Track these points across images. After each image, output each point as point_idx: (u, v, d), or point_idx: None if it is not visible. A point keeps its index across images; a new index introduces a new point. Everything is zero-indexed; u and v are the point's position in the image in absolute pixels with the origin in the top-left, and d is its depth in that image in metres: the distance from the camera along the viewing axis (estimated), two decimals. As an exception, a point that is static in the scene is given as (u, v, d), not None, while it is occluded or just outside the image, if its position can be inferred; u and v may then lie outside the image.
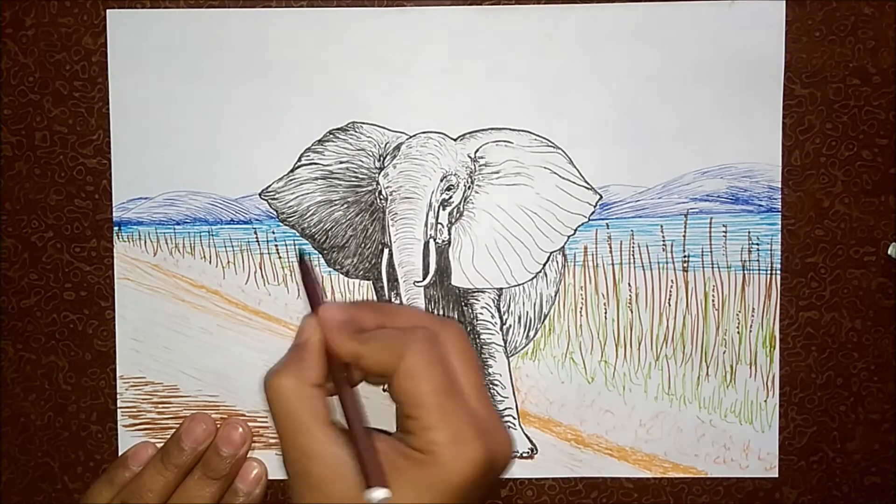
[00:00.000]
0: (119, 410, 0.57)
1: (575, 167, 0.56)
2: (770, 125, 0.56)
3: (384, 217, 0.56)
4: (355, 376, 0.45)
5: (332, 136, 0.56)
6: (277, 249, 0.57)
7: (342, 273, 0.57)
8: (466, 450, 0.41)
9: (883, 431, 0.57)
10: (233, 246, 0.57)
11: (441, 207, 0.56)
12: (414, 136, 0.56)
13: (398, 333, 0.44)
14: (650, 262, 0.56)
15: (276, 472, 0.57)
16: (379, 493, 0.40)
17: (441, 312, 0.57)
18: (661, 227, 0.56)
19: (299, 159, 0.56)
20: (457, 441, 0.41)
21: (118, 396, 0.57)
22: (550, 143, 0.56)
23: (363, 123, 0.56)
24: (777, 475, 0.57)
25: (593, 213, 0.56)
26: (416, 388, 0.42)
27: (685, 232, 0.56)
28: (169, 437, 0.55)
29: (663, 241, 0.56)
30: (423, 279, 0.56)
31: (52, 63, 0.56)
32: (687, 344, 0.57)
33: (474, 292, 0.57)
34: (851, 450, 0.57)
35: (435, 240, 0.56)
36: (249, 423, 0.56)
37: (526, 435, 0.57)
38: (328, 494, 0.42)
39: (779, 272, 0.56)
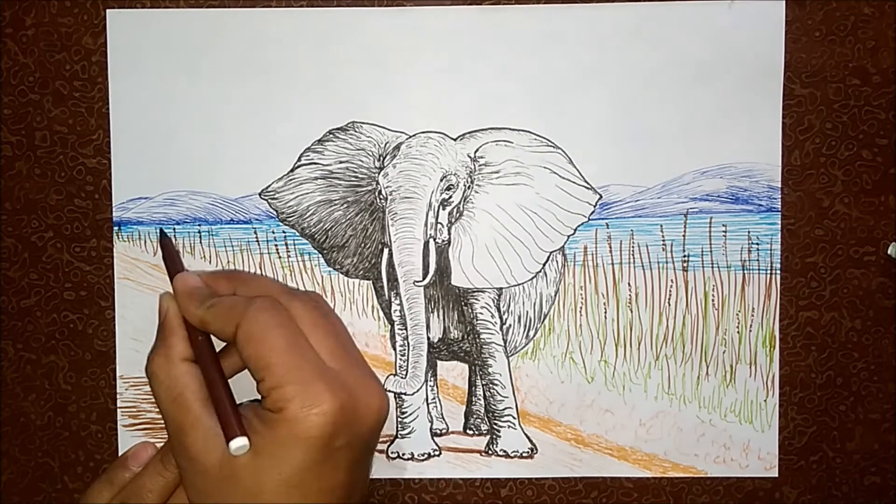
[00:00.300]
0: (119, 410, 0.57)
1: (575, 167, 0.56)
2: (770, 125, 0.56)
3: (384, 217, 0.56)
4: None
5: (332, 135, 0.56)
6: (277, 249, 0.57)
7: (342, 273, 0.57)
8: (316, 402, 0.41)
9: (883, 431, 0.57)
10: (233, 246, 0.57)
11: (441, 207, 0.56)
12: (414, 135, 0.56)
13: (239, 300, 0.45)
14: (650, 262, 0.56)
15: (276, 472, 0.57)
16: (236, 441, 0.42)
17: (441, 312, 0.57)
18: (661, 226, 0.56)
19: (299, 159, 0.56)
20: (305, 395, 0.41)
21: (118, 396, 0.57)
22: (550, 143, 0.56)
23: (363, 123, 0.56)
24: (777, 475, 0.57)
25: (593, 212, 0.56)
26: (257, 351, 0.43)
27: (685, 232, 0.56)
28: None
29: (663, 240, 0.56)
30: (423, 279, 0.56)
31: (52, 63, 0.56)
32: (687, 344, 0.57)
33: (474, 292, 0.57)
34: (851, 450, 0.57)
35: (435, 239, 0.56)
36: (249, 423, 0.56)
37: (526, 435, 0.57)
38: (203, 464, 0.43)
39: (779, 272, 0.56)
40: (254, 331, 0.43)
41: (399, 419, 0.57)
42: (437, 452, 0.57)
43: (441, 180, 0.56)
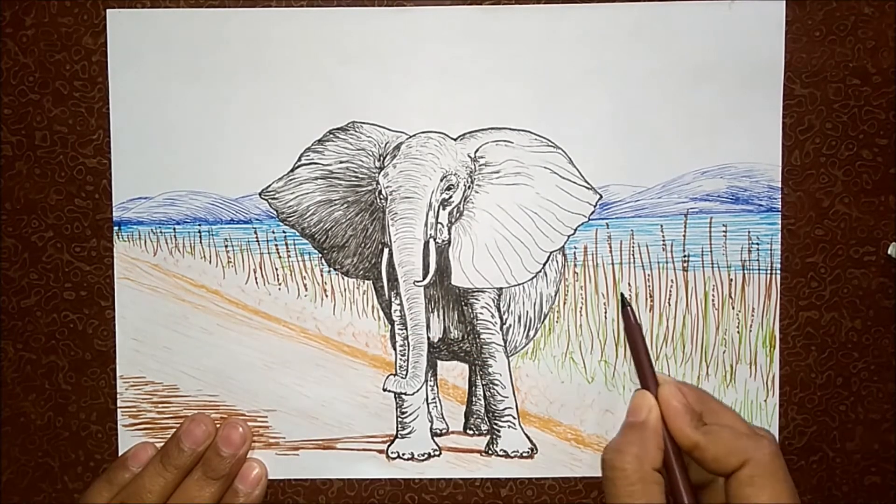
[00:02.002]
0: (119, 410, 0.57)
1: (575, 167, 0.56)
2: (770, 125, 0.56)
3: (384, 217, 0.56)
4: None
5: (332, 135, 0.56)
6: (277, 249, 0.57)
7: (342, 273, 0.57)
8: None
9: (883, 431, 0.57)
10: (233, 246, 0.57)
11: (441, 207, 0.56)
12: (414, 135, 0.56)
13: (744, 436, 0.45)
14: (650, 262, 0.56)
15: (276, 473, 0.57)
16: None
17: (441, 312, 0.57)
18: (661, 226, 0.56)
19: (299, 159, 0.56)
20: None
21: (118, 396, 0.57)
22: (550, 143, 0.56)
23: (363, 123, 0.56)
24: (777, 475, 0.57)
25: (593, 212, 0.56)
26: (754, 496, 0.43)
27: (685, 232, 0.56)
28: (169, 437, 0.55)
29: (663, 240, 0.56)
30: (423, 279, 0.56)
31: (52, 63, 0.56)
32: (687, 344, 0.57)
33: (474, 292, 0.57)
34: (851, 450, 0.57)
35: (435, 239, 0.56)
36: (249, 423, 0.56)
37: (526, 435, 0.57)
38: None
39: (779, 272, 0.56)
40: (761, 476, 0.44)
41: (399, 419, 0.57)
42: (437, 452, 0.57)
43: (441, 180, 0.56)
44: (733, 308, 0.57)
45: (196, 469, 0.54)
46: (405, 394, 0.57)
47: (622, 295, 0.56)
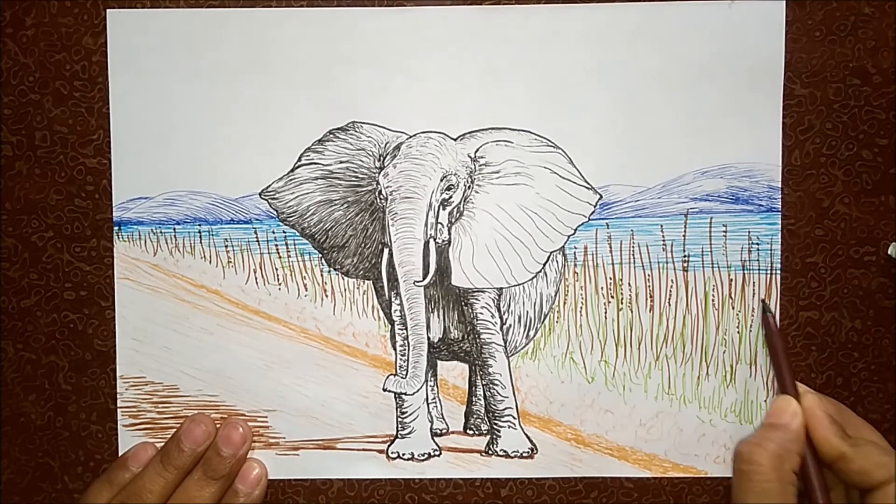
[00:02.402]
0: (119, 410, 0.57)
1: (575, 167, 0.56)
2: (770, 125, 0.56)
3: (384, 217, 0.56)
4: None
5: (332, 135, 0.56)
6: (277, 249, 0.57)
7: (342, 273, 0.57)
8: None
9: (883, 431, 0.57)
10: (233, 246, 0.57)
11: (441, 207, 0.56)
12: (414, 135, 0.56)
13: (886, 452, 0.47)
14: (650, 262, 0.57)
15: (276, 473, 0.57)
16: None
17: (441, 312, 0.57)
18: (661, 226, 0.56)
19: (299, 159, 0.56)
20: None
21: (118, 396, 0.57)
22: (550, 143, 0.56)
23: (363, 123, 0.56)
24: (777, 475, 0.57)
25: (593, 212, 0.56)
26: None
27: (685, 232, 0.56)
28: (169, 437, 0.55)
29: (663, 240, 0.56)
30: (423, 279, 0.56)
31: (52, 63, 0.56)
32: (687, 344, 0.57)
33: (474, 292, 0.57)
34: (851, 450, 0.57)
35: (435, 239, 0.56)
36: (249, 423, 0.56)
37: (526, 435, 0.57)
38: None
39: (779, 272, 0.56)
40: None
41: (399, 419, 0.57)
42: (437, 452, 0.57)
43: (441, 180, 0.56)
44: (733, 308, 0.57)
45: (196, 469, 0.54)
46: (405, 394, 0.57)
47: (763, 301, 0.56)
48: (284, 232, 0.57)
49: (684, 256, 0.56)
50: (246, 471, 0.55)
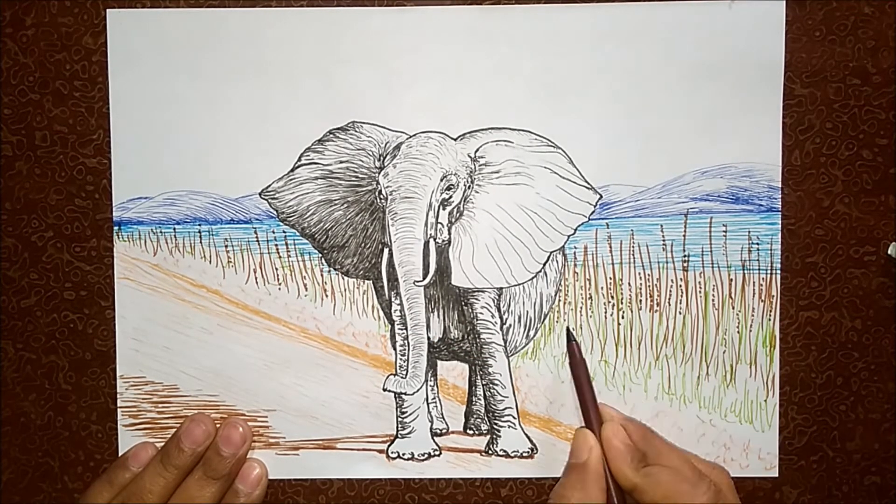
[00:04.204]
0: (119, 410, 0.57)
1: (575, 167, 0.56)
2: (770, 125, 0.56)
3: (384, 217, 0.56)
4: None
5: (332, 135, 0.56)
6: (277, 249, 0.57)
7: (342, 273, 0.57)
8: None
9: (883, 431, 0.57)
10: (233, 246, 0.57)
11: (441, 207, 0.56)
12: (414, 135, 0.56)
13: (685, 481, 0.47)
14: (650, 262, 0.56)
15: (276, 473, 0.57)
16: None
17: (441, 312, 0.57)
18: (661, 226, 0.56)
19: (299, 159, 0.56)
20: None
21: (118, 396, 0.57)
22: (550, 143, 0.56)
23: (363, 123, 0.56)
24: (777, 475, 0.57)
25: (593, 212, 0.56)
26: None
27: (685, 232, 0.56)
28: (169, 437, 0.55)
29: (663, 240, 0.56)
30: (423, 279, 0.56)
31: (52, 63, 0.56)
32: (687, 344, 0.57)
33: (474, 292, 0.57)
34: (851, 450, 0.57)
35: (435, 239, 0.56)
36: (249, 423, 0.56)
37: (526, 435, 0.57)
38: None
39: (779, 272, 0.56)
40: None
41: (399, 419, 0.57)
42: (437, 452, 0.57)
43: (441, 180, 0.56)
44: (733, 308, 0.57)
45: (196, 469, 0.54)
46: (405, 394, 0.57)
47: (568, 329, 0.56)
48: (284, 232, 0.57)
49: (684, 256, 0.56)
50: (246, 471, 0.55)
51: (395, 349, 0.57)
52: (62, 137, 0.56)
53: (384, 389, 0.57)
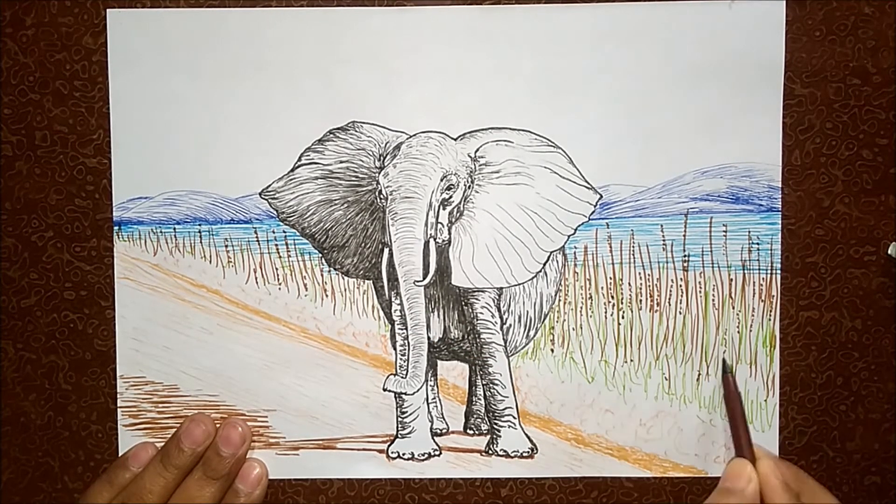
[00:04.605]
0: (119, 410, 0.57)
1: (575, 167, 0.56)
2: (770, 125, 0.56)
3: (384, 216, 0.56)
4: None
5: (332, 135, 0.56)
6: (277, 249, 0.57)
7: (342, 272, 0.57)
8: None
9: (883, 431, 0.57)
10: (233, 246, 0.57)
11: (441, 207, 0.56)
12: (414, 135, 0.56)
13: None
14: (650, 262, 0.57)
15: (276, 473, 0.57)
16: None
17: (441, 312, 0.57)
18: (661, 226, 0.56)
19: (299, 159, 0.56)
20: None
21: (118, 396, 0.57)
22: (550, 143, 0.56)
23: (363, 123, 0.56)
24: (777, 475, 0.57)
25: (593, 212, 0.56)
26: None
27: (685, 232, 0.56)
28: (169, 437, 0.55)
29: (663, 240, 0.56)
30: (423, 279, 0.56)
31: (52, 63, 0.56)
32: (687, 344, 0.57)
33: (474, 292, 0.57)
34: (851, 450, 0.57)
35: (435, 239, 0.56)
36: (249, 423, 0.56)
37: (526, 435, 0.57)
38: None
39: (779, 272, 0.56)
40: None
41: (399, 419, 0.57)
42: (437, 452, 0.57)
43: (441, 180, 0.56)
44: (733, 308, 0.57)
45: (196, 469, 0.54)
46: (405, 394, 0.57)
47: (724, 361, 0.56)
48: (284, 232, 0.57)
49: (684, 256, 0.56)
50: (246, 470, 0.55)
51: (395, 349, 0.57)
52: (62, 137, 0.56)
53: (384, 389, 0.57)
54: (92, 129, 0.56)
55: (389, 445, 0.57)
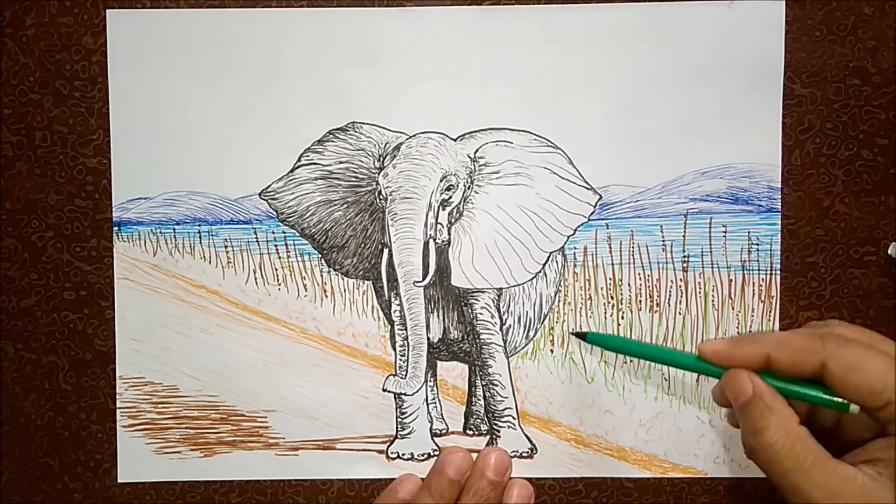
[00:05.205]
0: (119, 410, 0.57)
1: (575, 167, 0.56)
2: (770, 125, 0.56)
3: (384, 217, 0.56)
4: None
5: (331, 136, 0.56)
6: (277, 249, 0.57)
7: (342, 273, 0.57)
8: None
9: (883, 431, 0.57)
10: (233, 246, 0.57)
11: (441, 207, 0.56)
12: (414, 136, 0.56)
13: (805, 335, 0.44)
14: (650, 262, 0.56)
15: (276, 473, 0.57)
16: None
17: (441, 312, 0.57)
18: (661, 227, 0.56)
19: (299, 159, 0.56)
20: None
21: (118, 396, 0.57)
22: (550, 143, 0.56)
23: (363, 123, 0.56)
24: (777, 475, 0.57)
25: (593, 213, 0.56)
26: (863, 378, 0.42)
27: (685, 232, 0.56)
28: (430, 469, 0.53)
29: (663, 241, 0.56)
30: (423, 279, 0.56)
31: (52, 63, 0.56)
32: (687, 344, 0.57)
33: (474, 292, 0.57)
34: (851, 450, 0.57)
35: (435, 240, 0.56)
36: (249, 423, 0.56)
37: (526, 435, 0.57)
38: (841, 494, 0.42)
39: (779, 272, 0.56)
40: (850, 360, 0.43)
41: (399, 419, 0.57)
42: (437, 453, 0.57)
43: (441, 180, 0.56)
44: (733, 308, 0.56)
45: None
46: (405, 394, 0.57)
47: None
48: (284, 232, 0.57)
49: (684, 257, 0.56)
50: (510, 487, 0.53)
51: (394, 350, 0.57)
52: (62, 137, 0.56)
53: (384, 390, 0.57)
54: (92, 129, 0.56)
55: (389, 446, 0.57)
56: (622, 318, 0.57)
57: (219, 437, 0.57)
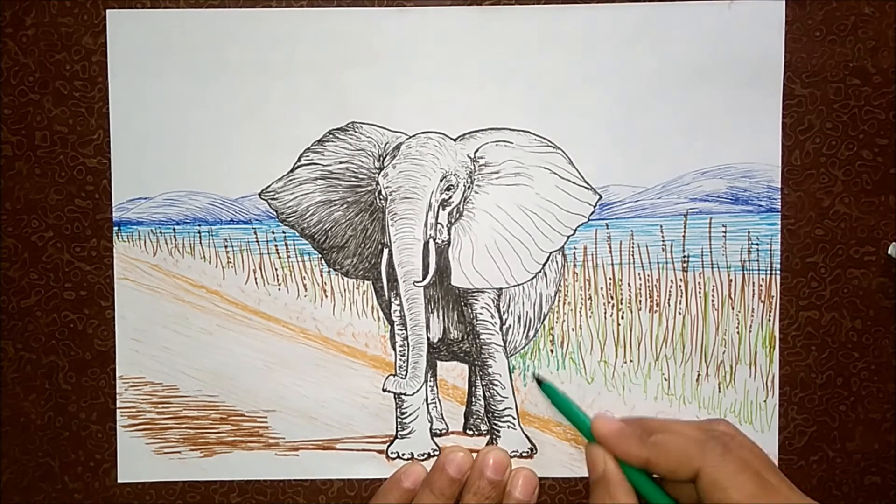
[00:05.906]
0: (119, 410, 0.57)
1: (575, 167, 0.56)
2: (770, 125, 0.56)
3: (384, 217, 0.56)
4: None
5: (331, 136, 0.56)
6: (277, 249, 0.57)
7: (342, 273, 0.57)
8: None
9: (883, 431, 0.57)
10: (233, 246, 0.57)
11: (441, 207, 0.56)
12: (414, 136, 0.56)
13: (691, 441, 0.45)
14: (650, 262, 0.56)
15: (276, 473, 0.57)
16: None
17: (441, 312, 0.57)
18: (661, 227, 0.56)
19: (299, 159, 0.56)
20: None
21: (118, 396, 0.57)
22: (550, 143, 0.56)
23: (363, 123, 0.56)
24: (777, 475, 0.57)
25: (593, 213, 0.56)
26: (727, 498, 0.43)
27: (685, 232, 0.56)
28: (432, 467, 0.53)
29: (663, 241, 0.56)
30: (423, 279, 0.56)
31: (52, 63, 0.56)
32: (687, 344, 0.57)
33: (474, 292, 0.57)
34: (851, 450, 0.57)
35: (435, 240, 0.56)
36: (249, 424, 0.56)
37: (526, 435, 0.57)
38: None
39: (779, 272, 0.56)
40: (721, 477, 0.43)
41: (399, 419, 0.57)
42: (437, 453, 0.57)
43: (441, 180, 0.56)
44: (733, 308, 0.56)
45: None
46: (405, 394, 0.57)
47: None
48: (284, 232, 0.57)
49: (684, 257, 0.56)
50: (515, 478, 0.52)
51: (394, 350, 0.57)
52: (62, 137, 0.56)
53: (384, 390, 0.57)
54: (92, 129, 0.56)
55: (389, 446, 0.57)
56: (622, 318, 0.57)
57: (219, 437, 0.57)
